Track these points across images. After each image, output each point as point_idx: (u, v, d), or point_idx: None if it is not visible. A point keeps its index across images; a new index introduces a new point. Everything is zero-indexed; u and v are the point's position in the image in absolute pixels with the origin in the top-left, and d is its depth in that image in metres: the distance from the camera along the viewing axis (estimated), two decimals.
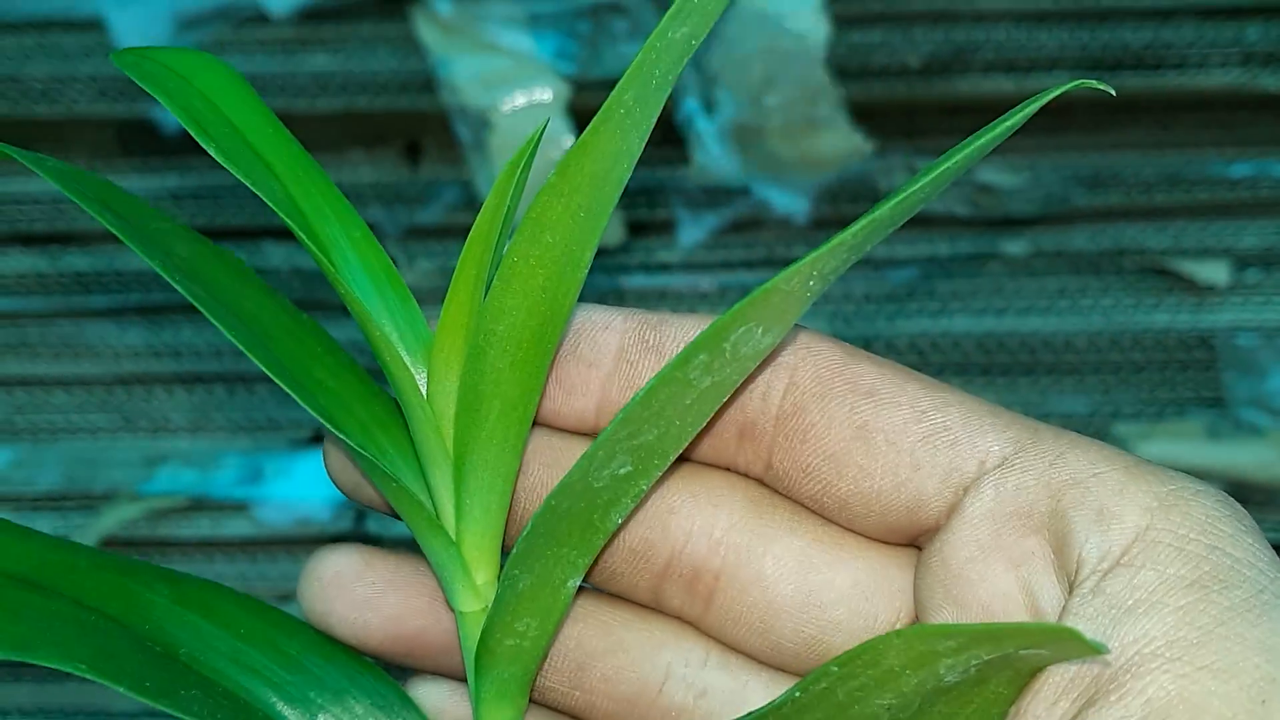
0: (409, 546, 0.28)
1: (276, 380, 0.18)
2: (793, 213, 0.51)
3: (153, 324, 0.55)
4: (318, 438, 0.53)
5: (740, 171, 0.48)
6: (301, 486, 0.52)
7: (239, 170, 0.18)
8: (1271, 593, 0.16)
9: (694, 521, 0.20)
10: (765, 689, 0.20)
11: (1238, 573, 0.16)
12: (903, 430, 0.19)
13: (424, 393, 0.19)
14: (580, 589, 0.21)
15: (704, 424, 0.18)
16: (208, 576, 0.58)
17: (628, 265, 0.52)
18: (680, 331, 0.20)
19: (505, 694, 0.19)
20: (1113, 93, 0.15)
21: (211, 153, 0.18)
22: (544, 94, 0.50)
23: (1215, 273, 0.51)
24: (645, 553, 0.20)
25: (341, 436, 0.18)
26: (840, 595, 0.20)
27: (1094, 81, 0.16)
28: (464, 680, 0.21)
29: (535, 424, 0.20)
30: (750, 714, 0.17)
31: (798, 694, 0.16)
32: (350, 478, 0.21)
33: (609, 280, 0.52)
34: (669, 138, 0.53)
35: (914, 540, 0.19)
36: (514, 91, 0.51)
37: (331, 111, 0.53)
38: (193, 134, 0.18)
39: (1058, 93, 0.15)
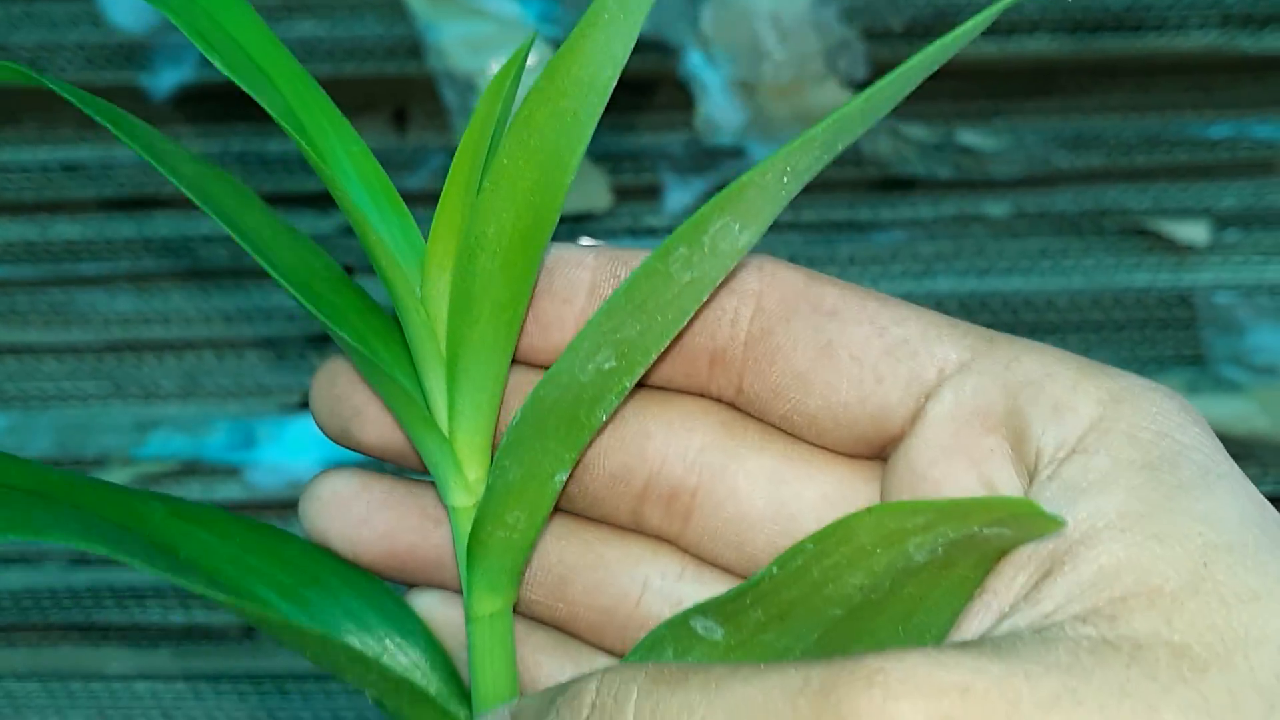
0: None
1: (285, 286, 0.19)
2: None
3: (142, 291, 0.56)
4: (307, 403, 0.54)
5: (746, 123, 0.49)
6: (292, 450, 0.53)
7: (242, 81, 0.19)
8: (1216, 473, 0.17)
9: (669, 445, 0.21)
10: None
11: (1185, 455, 0.17)
12: (865, 345, 0.20)
13: (418, 295, 0.20)
14: (563, 512, 0.22)
15: (684, 323, 0.19)
16: None
17: (614, 229, 0.54)
18: None
19: (496, 585, 0.20)
20: None
21: (216, 64, 0.19)
22: (529, 58, 0.51)
23: (1195, 233, 0.52)
24: (624, 476, 0.21)
25: (343, 335, 0.19)
26: (810, 506, 0.21)
27: None
28: (456, 591, 0.22)
29: (514, 361, 0.21)
30: (730, 591, 0.18)
31: (775, 570, 0.17)
32: (337, 423, 0.22)
33: None
34: (660, 101, 0.54)
35: (880, 452, 0.20)
36: (500, 55, 0.52)
37: (318, 77, 0.54)
38: (198, 46, 0.19)
39: None
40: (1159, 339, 0.51)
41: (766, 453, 0.21)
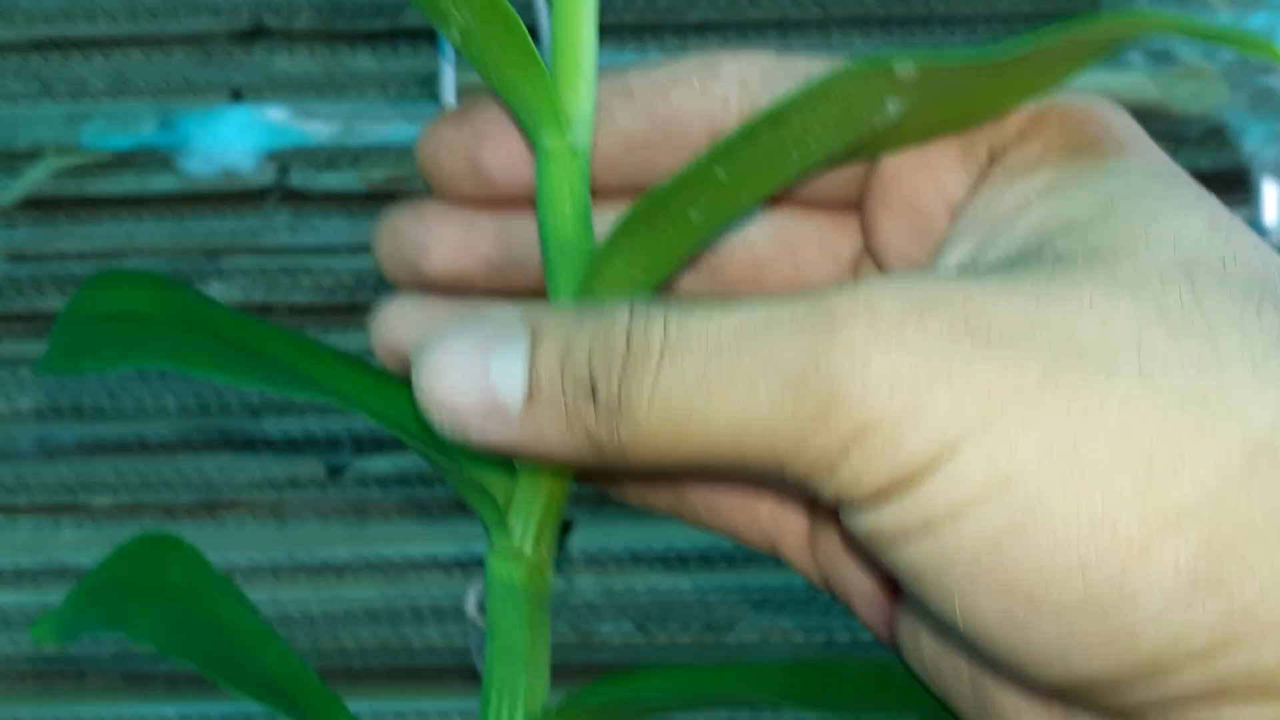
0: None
1: None
2: None
3: None
4: (237, 94, 0.56)
5: None
6: (224, 139, 0.55)
7: None
8: (1132, 143, 0.20)
9: None
10: None
11: (1106, 133, 0.20)
12: None
13: None
14: None
15: None
16: (135, 235, 0.61)
17: None
18: None
19: None
20: None
21: None
22: None
23: None
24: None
25: None
26: (809, 239, 0.24)
27: None
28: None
29: None
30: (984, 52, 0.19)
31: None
32: (404, 260, 0.25)
33: None
34: None
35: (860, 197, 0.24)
36: None
37: None
38: None
39: None
40: (1065, 29, 0.55)
41: (770, 218, 0.24)
